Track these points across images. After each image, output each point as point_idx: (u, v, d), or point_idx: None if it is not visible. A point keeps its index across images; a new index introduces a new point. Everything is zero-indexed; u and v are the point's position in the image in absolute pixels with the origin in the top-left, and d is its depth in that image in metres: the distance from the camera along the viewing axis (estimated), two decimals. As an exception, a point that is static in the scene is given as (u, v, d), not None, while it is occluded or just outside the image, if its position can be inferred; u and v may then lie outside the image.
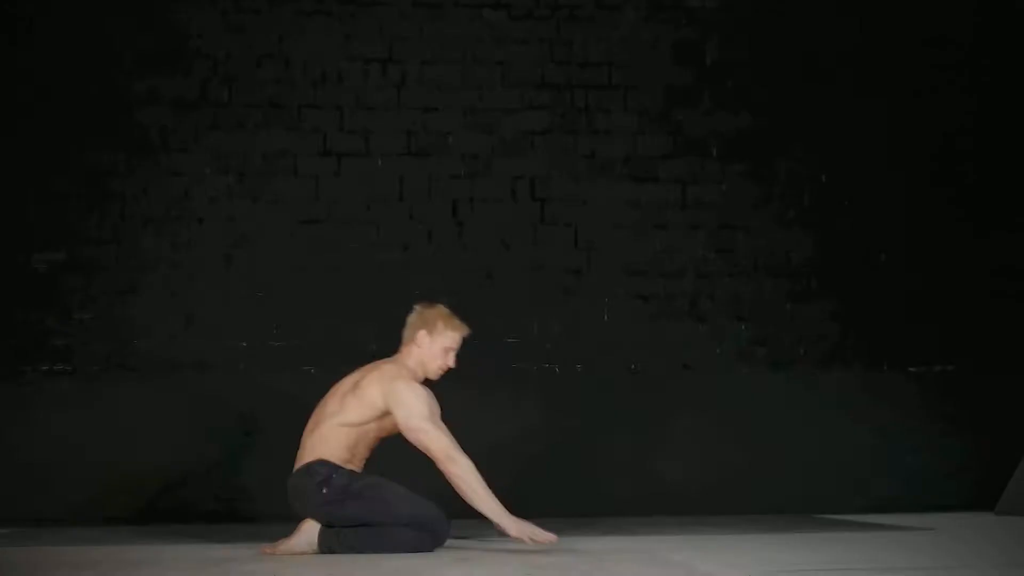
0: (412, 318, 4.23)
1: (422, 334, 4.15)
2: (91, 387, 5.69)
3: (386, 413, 4.00)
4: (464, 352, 5.80)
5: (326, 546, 3.93)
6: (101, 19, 5.91)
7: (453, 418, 5.63)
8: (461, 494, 3.90)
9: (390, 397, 3.99)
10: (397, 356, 4.20)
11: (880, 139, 6.23)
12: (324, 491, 3.91)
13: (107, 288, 5.77)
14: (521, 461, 5.67)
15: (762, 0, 6.28)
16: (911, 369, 6.09)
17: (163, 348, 5.76)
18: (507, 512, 3.89)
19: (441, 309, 4.23)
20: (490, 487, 3.93)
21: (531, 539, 3.85)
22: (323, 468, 3.93)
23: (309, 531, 3.97)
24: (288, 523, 4.10)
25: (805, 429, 5.95)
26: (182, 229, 5.85)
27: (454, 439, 3.94)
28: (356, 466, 4.03)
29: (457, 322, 4.21)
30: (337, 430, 4.00)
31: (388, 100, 6.04)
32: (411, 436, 3.96)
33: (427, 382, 4.16)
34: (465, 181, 6.04)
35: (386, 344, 5.84)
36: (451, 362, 4.19)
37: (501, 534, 3.91)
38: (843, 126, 6.23)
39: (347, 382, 4.14)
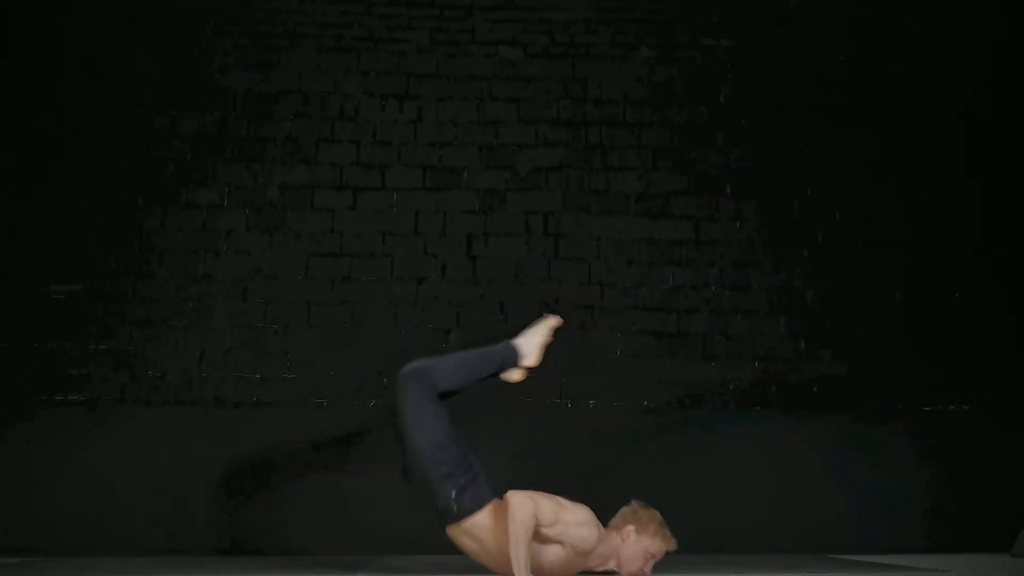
0: (627, 511, 4.17)
1: (631, 530, 4.09)
2: (106, 418, 5.65)
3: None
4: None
5: None
6: (124, 55, 5.97)
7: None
8: None
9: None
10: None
11: (894, 177, 6.20)
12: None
13: (124, 320, 5.76)
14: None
15: (775, 39, 6.28)
16: (925, 408, 6.00)
17: (178, 380, 5.75)
18: (529, 571, 3.89)
19: (657, 515, 4.16)
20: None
21: None
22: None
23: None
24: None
25: (818, 468, 5.85)
26: (199, 262, 5.85)
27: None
28: None
29: (670, 534, 4.13)
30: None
31: (404, 135, 6.06)
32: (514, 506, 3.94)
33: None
34: (479, 216, 6.04)
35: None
36: (648, 570, 4.10)
37: None
38: (857, 164, 6.19)
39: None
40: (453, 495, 4.00)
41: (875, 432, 5.94)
